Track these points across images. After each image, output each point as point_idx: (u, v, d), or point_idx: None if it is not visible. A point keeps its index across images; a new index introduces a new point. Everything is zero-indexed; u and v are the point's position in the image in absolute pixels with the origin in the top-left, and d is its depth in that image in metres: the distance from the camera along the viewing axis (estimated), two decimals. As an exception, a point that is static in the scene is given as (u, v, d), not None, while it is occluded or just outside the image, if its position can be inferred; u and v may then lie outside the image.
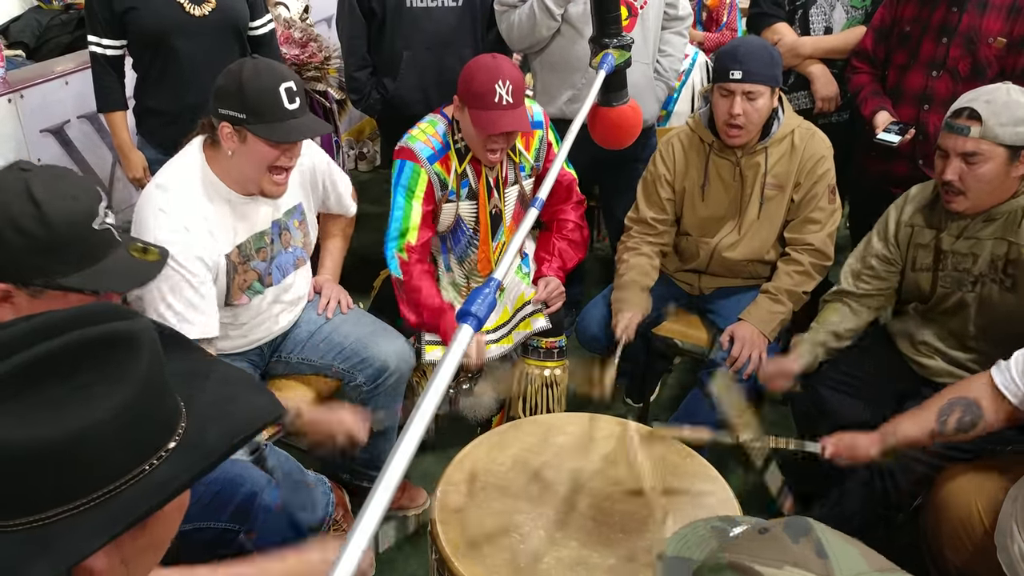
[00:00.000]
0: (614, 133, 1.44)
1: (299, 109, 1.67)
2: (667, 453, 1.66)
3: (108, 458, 0.67)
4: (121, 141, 2.44)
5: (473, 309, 0.75)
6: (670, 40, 2.64)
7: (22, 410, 0.64)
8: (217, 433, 0.75)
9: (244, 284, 1.83)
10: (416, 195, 2.08)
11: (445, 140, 2.10)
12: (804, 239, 2.16)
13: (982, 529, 1.59)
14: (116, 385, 0.67)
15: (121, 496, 0.68)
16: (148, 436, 0.70)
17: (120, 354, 0.69)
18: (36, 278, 1.15)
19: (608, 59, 1.29)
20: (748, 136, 2.09)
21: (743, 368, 2.07)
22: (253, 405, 0.81)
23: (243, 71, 1.64)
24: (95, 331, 0.69)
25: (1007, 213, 1.77)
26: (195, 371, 0.81)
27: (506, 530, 1.45)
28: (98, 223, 1.18)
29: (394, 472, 0.61)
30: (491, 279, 0.80)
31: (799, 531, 0.75)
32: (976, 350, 1.89)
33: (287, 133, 1.65)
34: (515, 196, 2.24)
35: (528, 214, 0.94)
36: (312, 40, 3.15)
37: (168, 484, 0.70)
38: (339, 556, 0.57)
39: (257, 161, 1.69)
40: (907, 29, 2.31)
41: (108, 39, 2.32)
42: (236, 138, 1.67)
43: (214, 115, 1.68)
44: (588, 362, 1.92)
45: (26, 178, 1.14)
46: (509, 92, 1.94)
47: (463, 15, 2.61)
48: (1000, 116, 1.69)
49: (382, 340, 2.02)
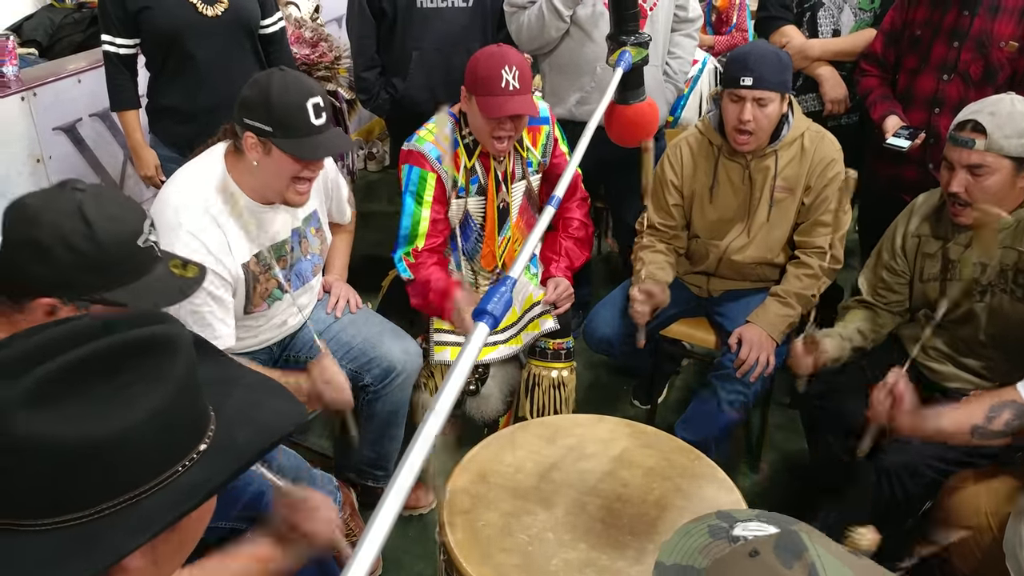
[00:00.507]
0: (631, 130, 1.44)
1: (325, 124, 1.67)
2: (675, 455, 1.65)
3: (144, 458, 0.69)
4: (134, 140, 2.45)
5: (490, 308, 0.74)
6: (680, 42, 2.64)
7: (69, 408, 0.66)
8: (246, 437, 0.77)
9: (265, 293, 1.84)
10: (425, 202, 2.08)
11: (453, 137, 2.10)
12: (814, 242, 2.15)
13: (991, 536, 1.59)
14: (155, 385, 0.69)
15: (156, 497, 0.69)
16: (181, 438, 0.72)
17: (159, 356, 0.71)
18: (83, 294, 1.18)
19: (626, 56, 1.29)
20: (758, 142, 2.09)
21: (751, 370, 2.07)
22: (279, 410, 0.84)
23: (272, 83, 1.63)
24: (138, 333, 0.70)
25: (1015, 223, 1.76)
26: (223, 377, 0.83)
27: (514, 532, 1.46)
28: (142, 240, 1.22)
29: (408, 474, 0.61)
30: (506, 278, 0.79)
31: (792, 554, 0.72)
32: (987, 357, 1.88)
33: (313, 150, 1.65)
34: (522, 191, 2.24)
35: (544, 212, 0.93)
36: (322, 40, 3.16)
37: (202, 486, 0.71)
38: (352, 559, 0.57)
39: (281, 173, 1.69)
40: (918, 32, 2.30)
41: (121, 38, 2.33)
42: (261, 149, 1.66)
43: (238, 124, 1.68)
44: None
45: (79, 198, 1.18)
46: (516, 77, 1.94)
47: (473, 15, 2.62)
48: (1005, 128, 1.68)
49: (390, 340, 2.02)
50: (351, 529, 2.07)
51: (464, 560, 1.39)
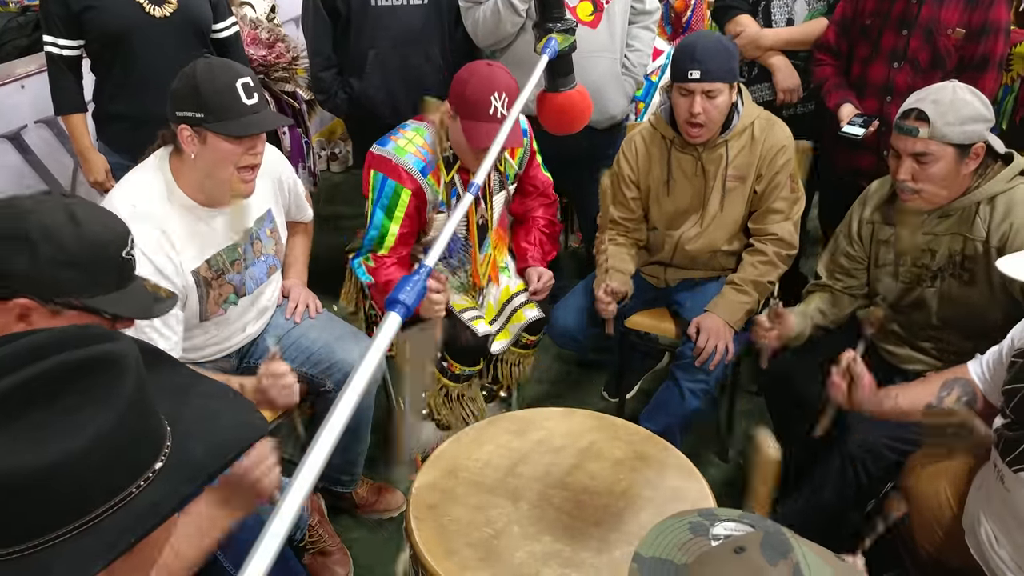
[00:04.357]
0: (562, 118, 1.41)
1: (258, 104, 1.65)
2: (644, 446, 1.65)
3: (93, 482, 0.67)
4: (81, 144, 2.38)
5: (401, 297, 0.73)
6: (637, 35, 2.65)
7: (5, 438, 0.63)
8: (204, 450, 0.75)
9: (220, 298, 1.80)
10: (396, 217, 2.01)
11: (434, 149, 2.04)
12: (768, 229, 2.18)
13: (951, 514, 1.61)
14: (101, 408, 0.67)
15: (111, 520, 0.67)
16: (134, 458, 0.70)
17: (105, 377, 0.68)
18: (61, 294, 1.16)
19: (552, 43, 1.27)
20: (710, 133, 2.10)
21: (710, 358, 2.08)
22: (239, 421, 0.82)
23: (196, 71, 1.62)
24: (80, 354, 0.68)
25: (960, 209, 1.80)
26: (178, 387, 0.81)
27: (480, 526, 1.45)
28: (126, 252, 1.23)
29: (319, 453, 0.60)
30: (421, 265, 0.78)
31: (778, 553, 0.73)
32: (941, 339, 1.92)
33: (247, 127, 1.63)
34: (502, 203, 2.23)
35: (464, 199, 0.92)
36: (279, 40, 3.11)
37: (160, 506, 0.70)
38: (272, 515, 0.56)
39: (222, 161, 1.66)
40: (868, 22, 2.33)
41: (64, 39, 2.25)
42: (196, 140, 1.64)
43: (172, 119, 1.65)
44: None
45: (70, 203, 1.21)
46: (504, 105, 1.88)
47: (429, 13, 2.59)
48: (947, 116, 1.71)
49: (351, 344, 1.99)
50: (320, 535, 2.04)
51: (428, 554, 1.38)
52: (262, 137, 1.71)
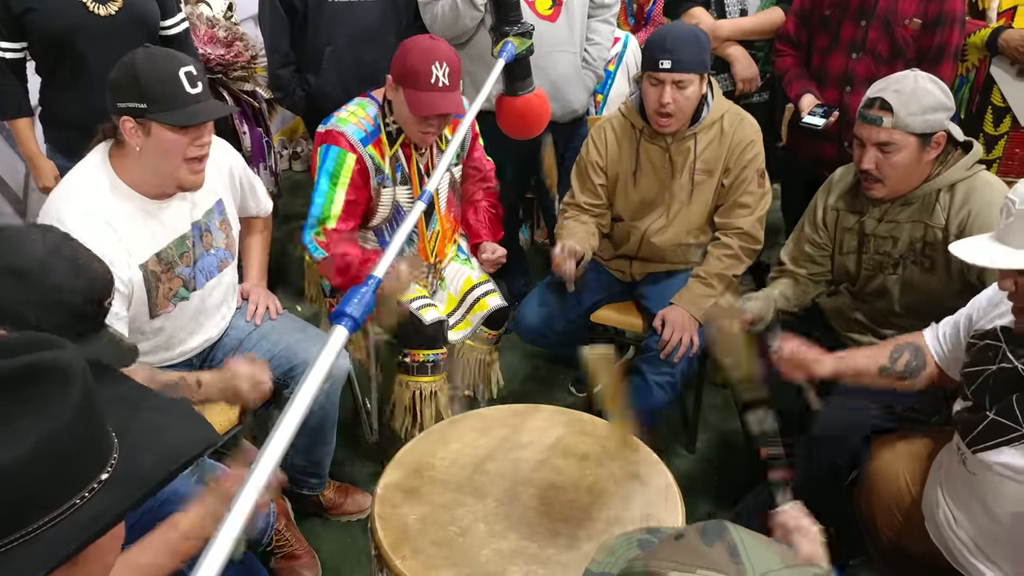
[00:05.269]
0: (521, 123, 1.40)
1: (202, 93, 1.61)
2: (611, 441, 1.65)
3: (36, 493, 0.65)
4: (28, 149, 2.30)
5: (349, 310, 0.73)
6: (597, 28, 2.64)
7: None
8: (152, 462, 0.74)
9: (169, 292, 1.76)
10: (341, 182, 2.00)
11: (376, 123, 2.04)
12: (734, 223, 2.18)
13: (910, 500, 1.63)
14: (42, 417, 0.65)
15: (53, 531, 0.65)
16: (78, 469, 0.68)
17: (46, 385, 0.67)
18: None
19: (508, 47, 1.26)
20: (679, 124, 2.10)
21: (674, 351, 2.09)
22: (187, 433, 0.81)
23: (136, 60, 1.57)
24: (18, 362, 0.66)
25: (921, 197, 1.82)
26: (127, 401, 0.80)
27: (445, 524, 1.43)
28: (108, 302, 1.25)
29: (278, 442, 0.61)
30: (370, 276, 0.78)
31: (714, 535, 0.77)
32: (904, 327, 1.93)
33: (193, 116, 1.59)
34: (446, 183, 2.21)
35: (415, 207, 0.94)
36: (237, 39, 3.05)
37: (101, 517, 0.68)
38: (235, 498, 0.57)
39: (168, 152, 1.62)
40: (827, 12, 2.35)
41: (5, 41, 2.17)
42: (140, 131, 1.59)
43: (112, 111, 1.60)
44: None
45: (72, 245, 1.26)
46: (446, 75, 1.90)
47: (385, 9, 2.57)
48: (909, 105, 1.73)
49: (313, 345, 1.95)
50: (287, 539, 2.01)
51: (393, 553, 1.37)
52: (209, 127, 1.67)
